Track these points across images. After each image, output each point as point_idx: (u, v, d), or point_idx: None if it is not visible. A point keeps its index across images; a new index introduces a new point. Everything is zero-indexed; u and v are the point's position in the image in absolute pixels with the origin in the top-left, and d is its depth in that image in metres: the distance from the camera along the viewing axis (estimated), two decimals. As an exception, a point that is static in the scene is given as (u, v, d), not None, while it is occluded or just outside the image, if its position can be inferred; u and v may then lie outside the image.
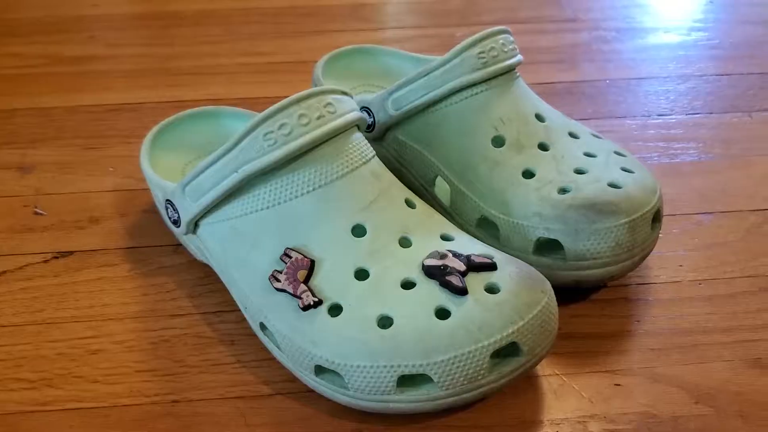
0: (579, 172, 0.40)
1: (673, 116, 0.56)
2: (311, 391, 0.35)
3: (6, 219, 0.47)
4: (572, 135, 0.42)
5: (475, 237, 0.41)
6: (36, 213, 0.47)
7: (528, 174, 0.40)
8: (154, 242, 0.45)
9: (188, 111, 0.47)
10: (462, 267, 0.33)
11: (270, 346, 0.36)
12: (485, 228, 0.41)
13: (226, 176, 0.35)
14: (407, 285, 0.33)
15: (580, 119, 0.54)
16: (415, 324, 0.32)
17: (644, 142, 0.53)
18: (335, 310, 0.33)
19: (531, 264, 0.38)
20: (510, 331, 0.31)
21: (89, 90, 0.61)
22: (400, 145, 0.45)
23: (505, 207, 0.40)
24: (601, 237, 0.37)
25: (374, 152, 0.38)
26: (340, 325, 0.33)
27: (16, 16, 0.73)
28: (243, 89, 0.61)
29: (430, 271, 0.33)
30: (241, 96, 0.59)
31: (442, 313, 0.32)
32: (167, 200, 0.39)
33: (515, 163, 0.40)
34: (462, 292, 0.32)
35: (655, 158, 0.52)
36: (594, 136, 0.44)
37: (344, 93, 0.37)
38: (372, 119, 0.45)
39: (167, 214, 0.40)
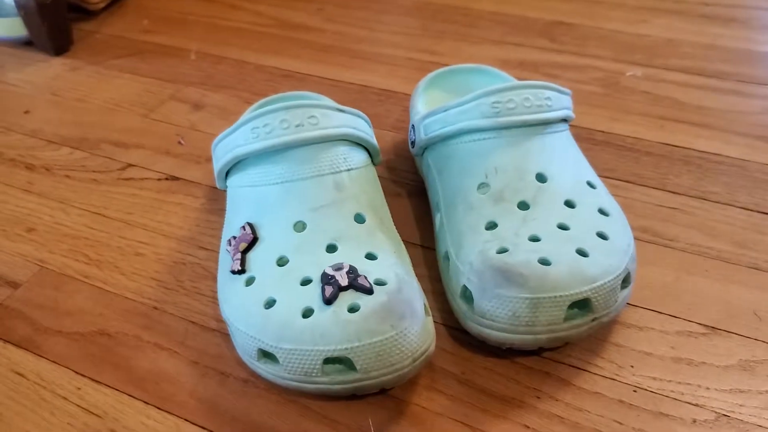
0: (533, 239, 0.40)
1: (779, 218, 0.50)
2: (235, 337, 0.43)
3: (158, 140, 0.62)
4: (568, 204, 0.42)
5: (441, 269, 0.45)
6: (179, 143, 0.61)
7: (490, 226, 0.42)
8: (233, 189, 0.56)
9: (299, 92, 0.56)
10: (344, 282, 0.38)
11: (223, 293, 0.45)
12: (446, 262, 0.44)
13: (227, 153, 0.44)
14: (305, 282, 0.39)
15: (670, 191, 0.52)
16: (285, 312, 0.38)
17: (715, 236, 0.49)
18: (249, 281, 0.40)
19: (455, 305, 0.42)
20: (344, 347, 0.36)
21: (283, 54, 0.73)
22: (427, 167, 0.49)
23: (458, 249, 0.42)
24: (500, 303, 0.38)
25: (353, 167, 0.43)
26: (244, 294, 0.40)
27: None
28: (392, 82, 0.68)
29: (321, 277, 0.38)
30: (385, 87, 0.67)
31: (307, 313, 0.37)
32: (215, 158, 0.49)
33: (485, 213, 0.42)
34: (327, 302, 0.37)
35: (714, 256, 0.47)
36: (601, 212, 0.43)
37: (340, 111, 0.43)
38: (414, 137, 0.50)
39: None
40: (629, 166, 0.55)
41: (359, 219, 0.42)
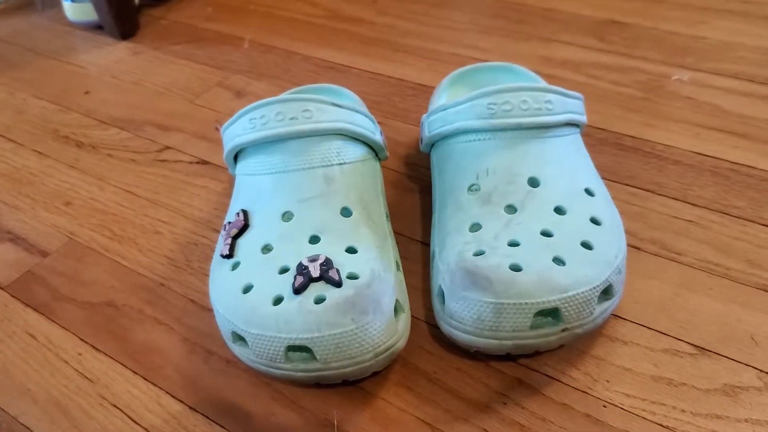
0: (512, 244, 0.40)
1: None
2: (225, 319, 0.45)
3: (198, 125, 0.65)
4: (558, 210, 0.42)
5: (431, 267, 0.45)
6: (216, 128, 0.64)
7: (474, 228, 0.42)
8: (256, 175, 0.58)
9: (324, 85, 0.58)
10: (316, 274, 0.39)
11: (221, 275, 0.47)
12: (432, 261, 0.44)
13: (229, 141, 0.46)
14: (283, 270, 0.40)
15: (690, 203, 0.50)
16: (258, 298, 0.39)
17: (727, 253, 0.46)
18: (235, 266, 0.42)
19: (433, 304, 0.42)
20: (305, 336, 0.37)
21: (331, 46, 0.75)
22: (432, 165, 0.49)
23: (441, 248, 0.42)
24: (465, 305, 0.38)
25: (346, 161, 0.44)
26: (228, 277, 0.42)
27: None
28: (429, 77, 0.68)
29: (297, 267, 0.40)
30: (421, 82, 0.67)
31: (278, 300, 0.39)
32: (229, 145, 0.51)
33: (471, 214, 0.42)
34: (295, 291, 0.38)
35: (721, 274, 0.45)
36: (592, 221, 0.42)
37: (335, 105, 0.44)
38: (422, 134, 0.50)
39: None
40: (652, 175, 0.53)
41: (345, 213, 0.43)
